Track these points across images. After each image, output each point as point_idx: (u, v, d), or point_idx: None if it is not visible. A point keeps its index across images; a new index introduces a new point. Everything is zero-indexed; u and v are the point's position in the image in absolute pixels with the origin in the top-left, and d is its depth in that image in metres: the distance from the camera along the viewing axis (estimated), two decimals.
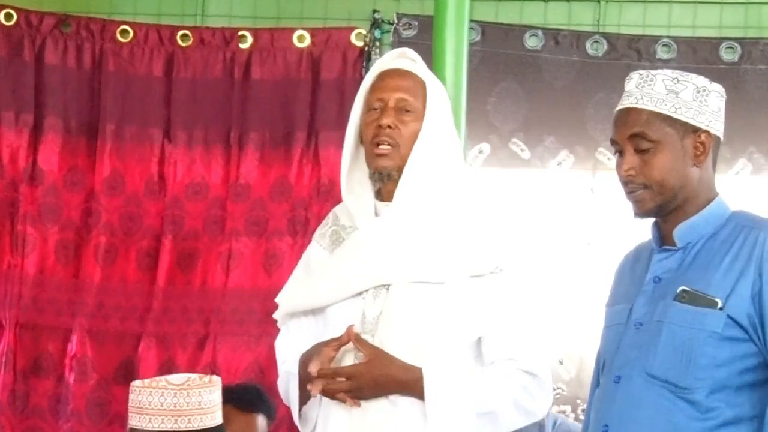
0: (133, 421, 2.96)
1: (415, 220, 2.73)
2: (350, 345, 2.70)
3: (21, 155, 4.76)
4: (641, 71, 2.61)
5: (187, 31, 4.81)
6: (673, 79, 2.56)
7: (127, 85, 4.79)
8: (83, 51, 4.80)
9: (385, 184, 2.79)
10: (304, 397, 2.79)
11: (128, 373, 4.63)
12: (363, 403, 2.68)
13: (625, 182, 2.57)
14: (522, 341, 2.73)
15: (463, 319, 2.70)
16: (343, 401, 2.68)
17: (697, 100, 2.54)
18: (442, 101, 2.83)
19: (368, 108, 2.81)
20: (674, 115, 2.53)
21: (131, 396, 2.97)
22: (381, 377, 2.65)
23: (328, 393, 2.69)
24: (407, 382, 2.65)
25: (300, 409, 2.81)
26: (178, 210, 4.74)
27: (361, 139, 2.85)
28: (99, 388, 4.68)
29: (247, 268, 4.70)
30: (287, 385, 2.85)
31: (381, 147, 2.75)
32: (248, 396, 3.93)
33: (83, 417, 4.68)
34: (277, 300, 2.96)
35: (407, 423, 2.66)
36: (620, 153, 2.59)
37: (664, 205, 2.56)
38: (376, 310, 2.71)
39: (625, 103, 2.59)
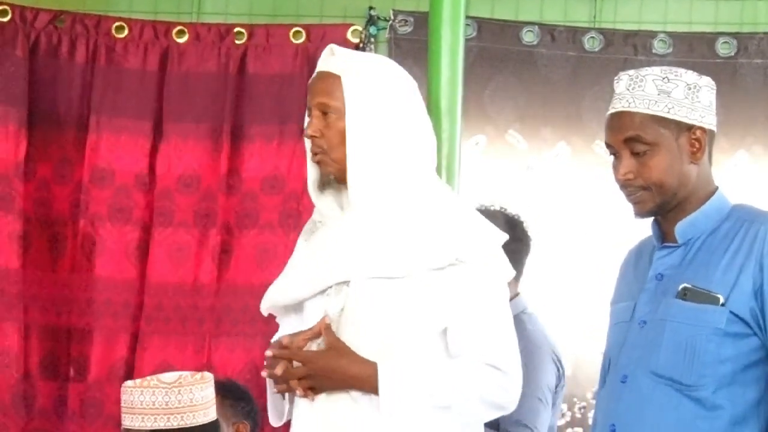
0: (127, 421, 2.96)
1: (372, 215, 2.70)
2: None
3: (13, 149, 4.75)
4: (630, 72, 2.60)
5: (182, 27, 4.81)
6: (663, 78, 2.55)
7: (121, 80, 4.78)
8: (77, 46, 4.80)
9: (340, 185, 2.76)
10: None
11: (122, 373, 4.61)
12: (324, 397, 2.66)
13: (624, 186, 2.57)
14: (486, 334, 2.68)
15: (425, 313, 2.67)
16: (295, 389, 2.66)
17: (688, 98, 2.54)
18: (366, 88, 2.71)
19: (307, 115, 2.79)
20: (668, 116, 2.53)
21: (123, 396, 2.97)
22: (334, 368, 2.63)
23: (282, 379, 2.66)
24: (361, 377, 2.63)
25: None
26: (168, 203, 4.73)
27: None
28: (93, 388, 4.67)
29: (238, 262, 4.69)
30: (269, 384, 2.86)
31: (314, 156, 2.74)
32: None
33: (78, 417, 4.67)
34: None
35: (367, 419, 2.64)
36: (615, 155, 2.58)
37: (664, 205, 2.56)
38: (337, 306, 2.69)
39: (617, 106, 2.58)
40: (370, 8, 4.75)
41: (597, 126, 4.59)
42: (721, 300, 2.46)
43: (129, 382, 2.99)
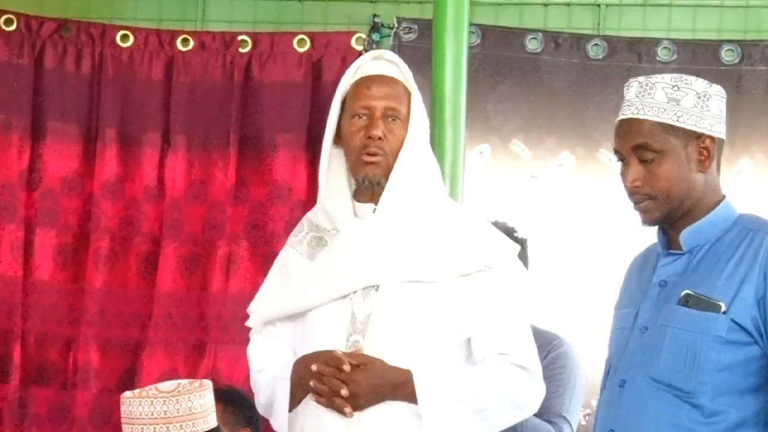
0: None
1: (402, 221, 2.74)
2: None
3: (20, 160, 4.76)
4: (640, 79, 2.59)
5: (187, 36, 4.81)
6: (673, 86, 2.54)
7: (126, 90, 4.79)
8: (83, 55, 4.81)
9: (370, 190, 2.78)
10: (295, 401, 2.77)
11: (131, 381, 4.62)
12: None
13: (631, 193, 2.57)
14: (513, 337, 2.72)
15: (453, 318, 2.70)
16: (341, 408, 2.66)
17: (698, 106, 2.53)
18: (423, 107, 2.83)
19: (352, 115, 2.78)
20: (677, 124, 2.52)
21: (122, 407, 2.96)
22: (376, 385, 2.65)
23: (325, 395, 2.67)
24: (398, 385, 2.65)
25: (290, 411, 2.80)
26: (177, 214, 4.74)
27: (336, 142, 2.84)
28: (102, 396, 4.68)
29: (246, 272, 4.70)
30: (272, 391, 2.84)
31: (372, 156, 2.75)
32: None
33: (85, 425, 4.67)
34: (249, 309, 2.95)
35: (404, 425, 2.65)
36: (624, 162, 2.58)
37: (671, 214, 2.56)
38: (366, 310, 2.70)
39: (627, 113, 2.57)
40: (374, 15, 4.75)
41: (601, 135, 4.60)
42: (723, 308, 2.46)
43: (127, 393, 2.98)
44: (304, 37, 4.78)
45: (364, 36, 4.74)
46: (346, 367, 2.65)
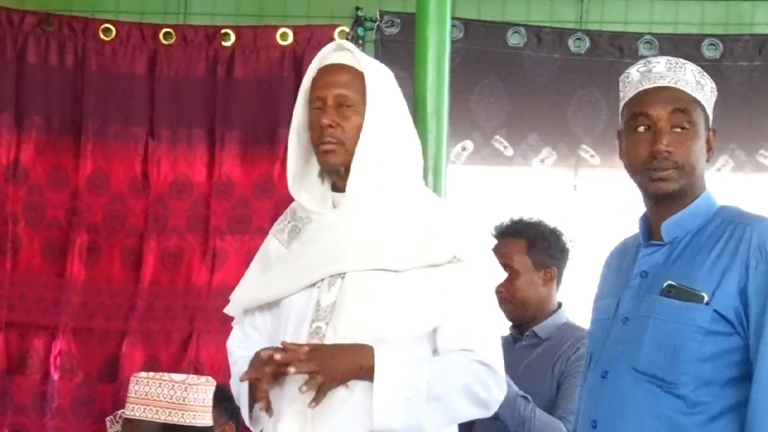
0: (128, 410, 3.04)
1: (368, 209, 2.72)
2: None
3: (3, 154, 4.76)
4: (667, 57, 2.58)
5: (169, 29, 4.81)
6: (699, 72, 2.56)
7: (109, 84, 4.80)
8: (65, 49, 4.81)
9: (340, 179, 2.78)
10: (253, 397, 2.75)
11: (113, 370, 4.64)
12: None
13: (659, 159, 2.51)
14: (477, 332, 2.69)
15: (418, 308, 2.67)
16: (308, 389, 2.60)
17: (711, 100, 2.57)
18: (386, 89, 2.78)
19: (313, 108, 2.78)
20: (705, 105, 2.55)
21: (134, 387, 3.03)
22: (336, 354, 2.60)
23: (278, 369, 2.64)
24: (360, 360, 2.60)
25: (251, 409, 2.77)
26: (162, 208, 4.75)
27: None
28: (84, 386, 4.69)
29: (231, 266, 4.71)
30: (237, 384, 2.84)
31: (326, 145, 2.74)
32: None
33: (68, 414, 4.68)
34: (231, 296, 2.95)
35: (363, 408, 2.62)
36: (647, 129, 2.53)
37: (684, 189, 2.53)
38: (330, 298, 2.68)
39: (660, 82, 2.54)
40: (357, 9, 4.76)
41: (582, 131, 4.61)
42: (705, 298, 2.46)
43: (142, 374, 3.05)
44: (287, 30, 4.78)
45: (347, 29, 4.74)
46: (304, 350, 2.60)
